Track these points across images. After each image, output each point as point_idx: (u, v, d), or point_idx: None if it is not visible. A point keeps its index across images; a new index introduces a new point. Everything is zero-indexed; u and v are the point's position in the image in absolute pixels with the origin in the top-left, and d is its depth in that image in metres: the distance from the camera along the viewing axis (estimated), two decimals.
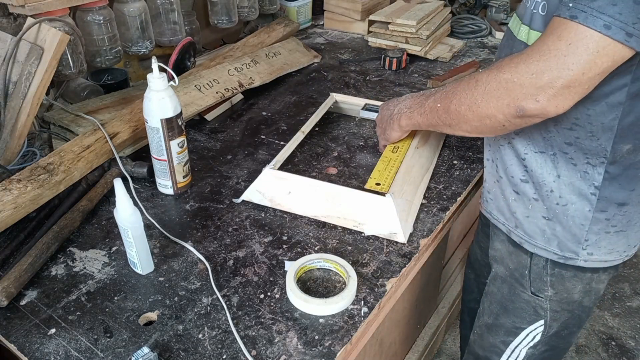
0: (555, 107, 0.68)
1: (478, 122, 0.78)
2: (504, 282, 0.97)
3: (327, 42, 1.75)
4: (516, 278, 0.94)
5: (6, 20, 1.11)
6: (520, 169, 0.86)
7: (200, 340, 0.71)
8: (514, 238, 0.92)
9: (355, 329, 0.73)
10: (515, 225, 0.91)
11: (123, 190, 0.75)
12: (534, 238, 0.88)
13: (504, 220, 0.93)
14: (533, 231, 0.88)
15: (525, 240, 0.89)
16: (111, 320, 0.74)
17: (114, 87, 1.29)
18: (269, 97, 1.37)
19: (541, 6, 0.75)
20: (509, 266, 0.95)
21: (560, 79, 0.66)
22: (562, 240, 0.85)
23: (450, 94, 0.81)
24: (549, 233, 0.86)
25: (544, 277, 0.90)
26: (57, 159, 0.94)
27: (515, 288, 0.95)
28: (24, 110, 1.01)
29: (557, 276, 0.89)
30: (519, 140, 0.84)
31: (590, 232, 0.83)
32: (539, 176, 0.83)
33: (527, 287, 0.93)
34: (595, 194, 0.80)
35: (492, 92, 0.73)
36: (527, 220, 0.88)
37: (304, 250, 0.87)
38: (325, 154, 1.13)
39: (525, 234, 0.89)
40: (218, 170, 1.08)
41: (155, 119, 0.91)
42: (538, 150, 0.83)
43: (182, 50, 1.28)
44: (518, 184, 0.87)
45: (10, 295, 0.76)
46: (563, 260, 0.86)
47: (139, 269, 0.81)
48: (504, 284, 0.97)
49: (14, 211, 0.85)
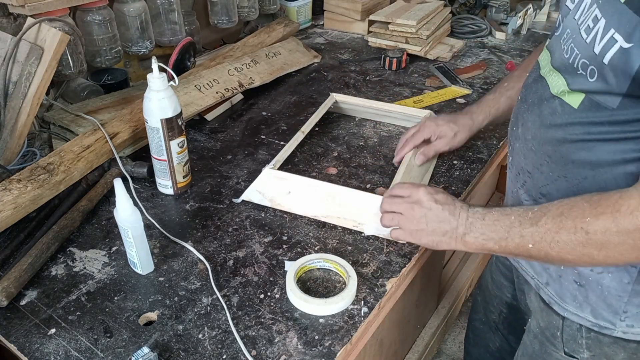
0: None
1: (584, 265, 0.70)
2: (535, 337, 0.87)
3: (327, 42, 1.75)
4: (547, 337, 0.83)
5: (6, 20, 1.11)
6: None
7: (200, 340, 0.71)
8: (543, 296, 0.81)
9: (355, 329, 0.73)
10: (546, 282, 0.80)
11: (123, 190, 0.75)
12: (564, 301, 0.78)
13: (533, 273, 0.83)
14: (564, 293, 0.77)
15: (556, 301, 0.79)
16: (111, 320, 0.74)
17: (114, 87, 1.29)
18: (269, 97, 1.37)
19: (589, 71, 0.64)
20: (540, 323, 0.85)
21: None
22: (595, 309, 0.74)
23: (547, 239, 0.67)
24: (581, 299, 0.75)
25: (578, 339, 0.79)
26: (57, 159, 0.94)
27: (546, 347, 0.84)
28: (24, 110, 1.01)
29: (594, 340, 0.77)
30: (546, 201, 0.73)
31: (629, 304, 0.72)
32: None
33: (560, 348, 0.81)
34: (635, 267, 0.70)
35: (614, 247, 0.62)
36: (558, 280, 0.78)
37: (304, 250, 0.87)
38: (325, 154, 1.13)
39: (555, 294, 0.79)
40: (218, 170, 1.08)
41: (155, 119, 0.91)
42: None
43: (182, 50, 1.28)
44: None
45: (10, 295, 0.76)
46: (598, 329, 0.75)
47: (139, 269, 0.81)
48: (536, 339, 0.87)
49: (14, 211, 0.85)
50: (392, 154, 1.12)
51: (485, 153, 1.12)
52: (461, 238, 0.76)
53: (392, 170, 1.06)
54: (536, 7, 1.89)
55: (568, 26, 0.71)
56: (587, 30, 0.65)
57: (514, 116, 0.85)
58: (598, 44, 0.62)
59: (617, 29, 0.59)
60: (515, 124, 0.83)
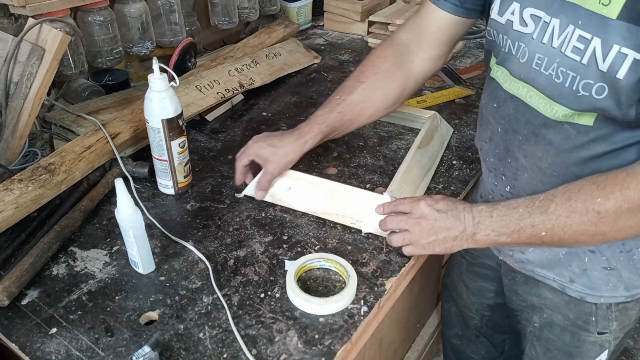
0: None
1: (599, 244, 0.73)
2: (563, 330, 0.88)
3: (327, 43, 1.75)
4: (579, 325, 0.86)
5: (7, 21, 1.11)
6: None
7: (201, 339, 0.71)
8: (571, 294, 0.83)
9: (355, 328, 0.73)
10: (570, 280, 0.82)
11: (124, 190, 0.76)
12: (597, 290, 0.81)
13: (553, 276, 0.84)
14: (595, 283, 0.80)
15: (587, 294, 0.81)
16: (112, 320, 0.74)
17: (115, 87, 1.30)
18: (269, 98, 1.38)
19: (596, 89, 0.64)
20: (569, 315, 0.86)
21: None
22: (629, 282, 0.80)
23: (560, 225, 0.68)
24: (614, 281, 0.79)
25: (609, 315, 0.83)
26: (58, 159, 0.95)
27: (579, 335, 0.87)
28: (25, 111, 1.01)
29: (622, 310, 0.83)
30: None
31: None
32: None
33: (593, 331, 0.85)
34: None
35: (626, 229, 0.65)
36: (585, 274, 0.80)
37: (304, 249, 0.87)
38: (325, 154, 1.13)
39: (585, 287, 0.81)
40: (219, 171, 1.08)
41: (156, 119, 0.91)
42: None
43: (182, 50, 1.28)
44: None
45: (11, 295, 0.76)
46: (631, 299, 0.81)
47: (140, 268, 0.82)
48: (565, 331, 0.88)
49: (15, 211, 0.85)
50: (392, 154, 1.13)
51: None
52: (471, 238, 0.76)
53: (392, 170, 1.06)
54: None
55: (536, 51, 0.69)
56: (576, 51, 0.64)
57: (501, 149, 0.82)
58: (603, 62, 0.62)
59: (623, 44, 0.59)
60: (509, 156, 0.81)
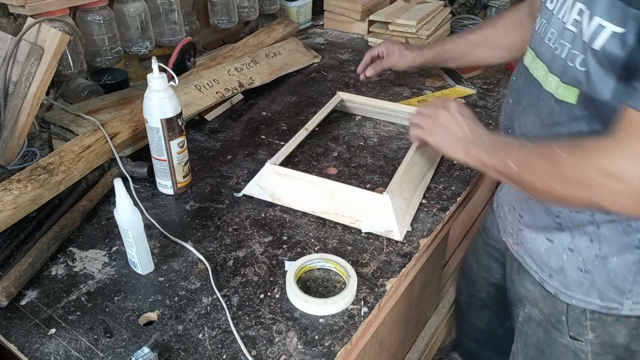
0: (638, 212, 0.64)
1: (547, 197, 0.73)
2: (538, 325, 0.90)
3: (327, 42, 1.75)
4: (552, 323, 0.87)
5: (6, 21, 1.11)
6: (551, 219, 0.80)
7: (201, 340, 0.71)
8: (548, 288, 0.85)
9: (355, 328, 0.73)
10: (549, 275, 0.84)
11: (123, 190, 0.75)
12: (570, 290, 0.81)
13: (536, 268, 0.86)
14: (569, 283, 0.81)
15: (562, 292, 0.82)
16: (111, 320, 0.74)
17: (114, 87, 1.29)
18: (269, 97, 1.38)
19: (579, 61, 0.67)
20: (544, 310, 0.87)
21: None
22: (602, 292, 0.78)
23: (526, 162, 0.72)
24: (588, 285, 0.79)
25: (582, 322, 0.82)
26: (57, 159, 0.94)
27: (551, 332, 0.88)
28: (24, 110, 1.01)
29: (598, 321, 0.81)
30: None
31: (635, 283, 0.76)
32: (576, 227, 0.77)
33: (565, 332, 0.85)
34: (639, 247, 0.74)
35: (569, 180, 0.66)
36: (561, 272, 0.81)
37: (304, 250, 0.87)
38: (325, 154, 1.13)
39: (561, 285, 0.82)
40: (218, 170, 1.08)
41: (156, 119, 0.91)
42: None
43: (182, 50, 1.28)
44: (552, 231, 0.81)
45: (10, 295, 0.76)
46: (605, 311, 0.79)
47: (139, 269, 0.81)
48: (539, 327, 0.90)
49: (14, 211, 0.85)
50: (392, 153, 1.12)
51: None
52: (467, 149, 0.81)
53: (392, 170, 1.06)
54: None
55: (552, 26, 0.73)
56: (575, 24, 0.68)
57: (507, 119, 0.86)
58: (586, 33, 0.65)
59: (604, 16, 0.62)
60: (510, 126, 0.85)
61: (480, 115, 1.27)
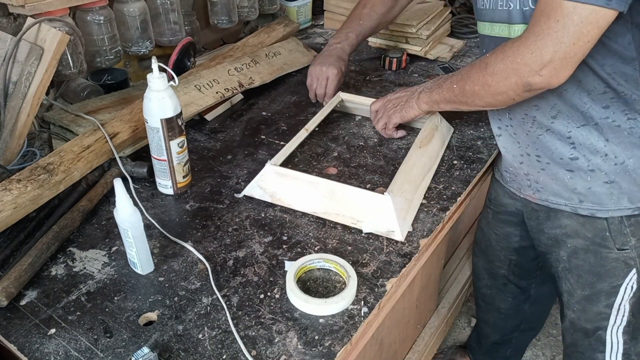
0: (557, 78, 0.77)
1: (491, 99, 0.87)
2: (587, 252, 0.99)
3: (327, 42, 1.74)
4: (598, 243, 0.96)
5: (6, 20, 1.11)
6: (567, 148, 0.91)
7: (200, 340, 0.71)
8: (583, 212, 0.95)
9: (355, 329, 0.73)
10: (579, 200, 0.95)
11: (123, 190, 0.75)
12: (604, 204, 0.92)
13: (564, 201, 0.97)
14: (600, 199, 0.92)
15: (596, 209, 0.93)
16: (111, 321, 0.74)
17: (114, 87, 1.29)
18: (269, 97, 1.37)
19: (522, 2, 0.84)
20: (587, 235, 0.97)
21: (557, 52, 0.74)
22: (630, 194, 0.90)
23: (465, 76, 0.91)
24: (617, 193, 0.91)
25: (623, 230, 0.93)
26: (57, 159, 0.94)
27: (601, 253, 0.97)
28: (24, 110, 1.01)
29: (635, 225, 0.93)
30: (559, 122, 0.90)
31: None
32: (589, 147, 0.89)
33: (612, 247, 0.95)
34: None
35: (500, 72, 0.82)
36: (590, 192, 0.92)
37: (304, 250, 0.87)
38: (325, 154, 1.13)
39: (593, 204, 0.93)
40: (218, 170, 1.08)
41: (155, 119, 0.91)
42: (580, 125, 0.88)
43: (182, 50, 1.28)
44: (569, 162, 0.92)
45: (10, 296, 0.75)
46: (638, 212, 0.91)
47: (139, 269, 0.81)
48: (588, 253, 0.99)
49: (14, 211, 0.85)
50: (392, 153, 1.12)
51: (485, 153, 1.12)
52: (418, 101, 1.05)
53: (392, 170, 1.06)
54: None
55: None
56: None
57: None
58: None
59: None
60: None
61: (480, 115, 1.26)
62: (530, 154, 0.98)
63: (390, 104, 1.13)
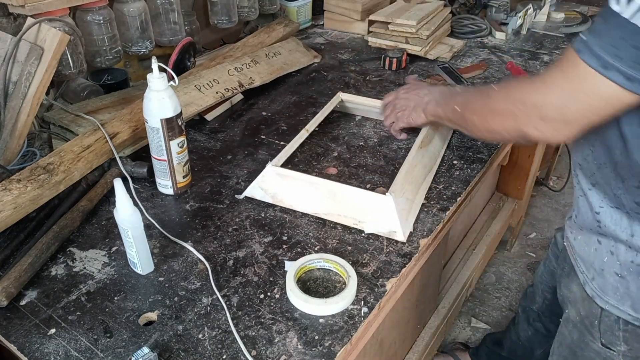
0: (556, 138, 0.70)
1: (486, 133, 0.84)
2: (574, 326, 0.91)
3: (327, 42, 1.75)
4: (586, 326, 0.88)
5: (6, 20, 1.11)
6: (594, 223, 0.81)
7: (200, 340, 0.71)
8: (588, 290, 0.85)
9: (355, 329, 0.73)
10: (592, 277, 0.84)
11: (123, 190, 0.75)
12: (606, 294, 0.81)
13: (584, 268, 0.86)
14: (606, 286, 0.81)
15: (598, 295, 0.83)
16: (111, 321, 0.74)
17: (114, 87, 1.29)
18: (269, 97, 1.37)
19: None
20: (580, 312, 0.89)
21: (559, 114, 0.66)
22: (636, 302, 0.78)
23: (467, 102, 0.87)
24: (622, 291, 0.79)
25: (615, 331, 0.82)
26: (57, 159, 0.94)
27: (584, 336, 0.89)
28: (24, 110, 1.01)
29: (632, 333, 0.81)
30: (594, 192, 0.80)
31: None
32: (613, 232, 0.78)
33: (597, 338, 0.86)
34: None
35: (499, 111, 0.77)
36: (601, 274, 0.82)
37: (304, 250, 0.87)
38: (325, 154, 1.13)
39: (598, 287, 0.83)
40: (218, 171, 1.08)
41: (155, 119, 0.91)
42: (614, 205, 0.77)
43: (182, 50, 1.28)
44: (597, 235, 0.82)
45: (10, 296, 0.75)
46: (638, 323, 0.79)
47: (139, 269, 0.81)
48: (575, 329, 0.91)
49: (13, 211, 0.85)
50: (392, 154, 1.12)
51: (485, 153, 1.12)
52: (425, 111, 1.03)
53: (393, 170, 1.06)
54: (536, 7, 1.89)
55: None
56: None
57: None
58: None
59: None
60: None
61: None
62: (574, 209, 0.89)
63: (400, 105, 1.11)
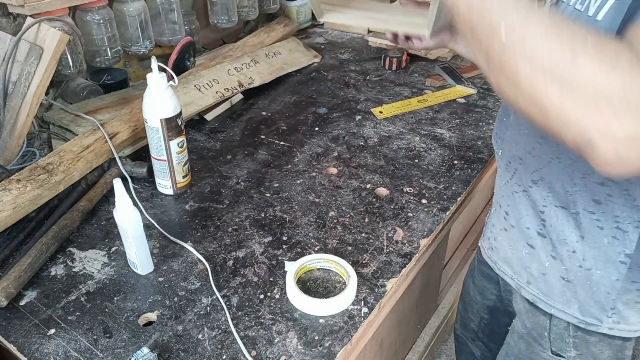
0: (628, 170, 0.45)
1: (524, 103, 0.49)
2: (520, 338, 0.87)
3: (327, 42, 1.75)
4: (534, 337, 0.84)
5: (6, 20, 1.10)
6: (537, 222, 0.75)
7: (200, 340, 0.71)
8: (526, 295, 0.81)
9: (355, 329, 0.73)
10: (527, 281, 0.81)
11: (123, 190, 0.75)
12: (550, 297, 0.78)
13: (512, 274, 0.83)
14: (549, 290, 0.77)
15: (541, 299, 0.79)
16: (111, 321, 0.74)
17: (113, 87, 1.29)
18: (268, 97, 1.37)
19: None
20: (526, 324, 0.85)
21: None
22: (583, 305, 0.75)
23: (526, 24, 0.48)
24: (569, 295, 0.76)
25: (565, 338, 0.79)
26: (56, 159, 0.94)
27: (533, 347, 0.85)
28: (24, 110, 1.01)
29: (581, 339, 0.78)
30: (537, 190, 0.74)
31: (617, 301, 0.72)
32: (560, 233, 0.73)
33: (547, 347, 0.82)
34: (625, 263, 0.69)
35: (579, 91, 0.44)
36: (542, 278, 0.78)
37: (304, 250, 0.87)
38: (325, 154, 1.12)
39: (540, 292, 0.79)
40: (218, 170, 1.07)
41: (155, 118, 0.91)
42: (559, 205, 0.71)
43: (181, 50, 1.28)
44: (534, 237, 0.77)
45: (9, 296, 0.75)
46: (584, 326, 0.76)
47: (139, 269, 0.81)
48: (521, 340, 0.87)
49: (13, 211, 0.85)
50: (392, 153, 1.12)
51: (486, 153, 1.12)
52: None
53: (392, 170, 1.06)
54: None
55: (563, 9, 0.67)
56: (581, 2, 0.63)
57: (503, 109, 0.85)
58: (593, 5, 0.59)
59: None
60: (506, 114, 0.83)
61: (480, 115, 1.27)
62: (501, 205, 0.84)
63: None
